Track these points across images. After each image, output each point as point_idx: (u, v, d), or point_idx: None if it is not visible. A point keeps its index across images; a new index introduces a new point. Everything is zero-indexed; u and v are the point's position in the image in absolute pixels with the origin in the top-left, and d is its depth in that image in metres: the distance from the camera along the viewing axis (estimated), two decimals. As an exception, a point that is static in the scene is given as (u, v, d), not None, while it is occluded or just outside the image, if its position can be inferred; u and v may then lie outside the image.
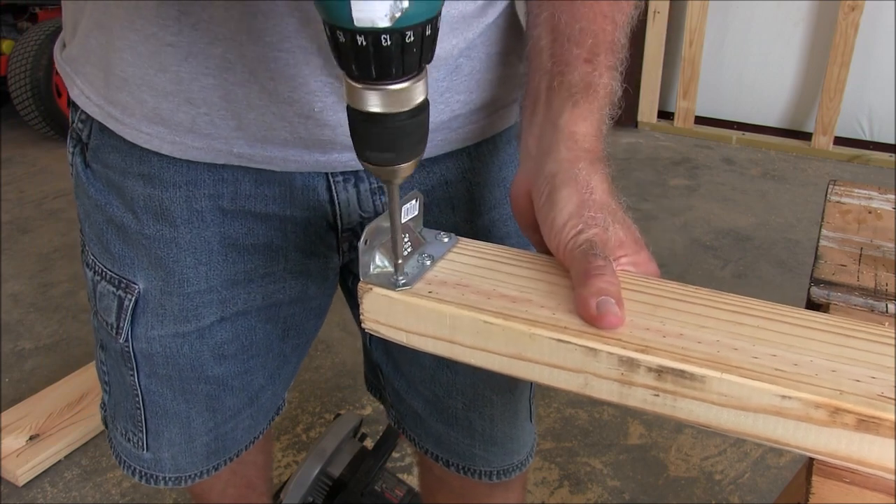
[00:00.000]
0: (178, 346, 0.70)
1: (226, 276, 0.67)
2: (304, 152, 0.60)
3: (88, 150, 0.66)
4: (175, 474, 0.79)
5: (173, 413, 0.75)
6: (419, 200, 0.51)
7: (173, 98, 0.57)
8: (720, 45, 3.59)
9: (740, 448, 1.70)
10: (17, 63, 3.22)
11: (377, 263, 0.48)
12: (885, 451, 0.39)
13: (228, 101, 0.57)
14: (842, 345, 0.43)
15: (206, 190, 0.63)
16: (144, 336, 0.69)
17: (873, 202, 0.84)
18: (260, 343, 0.75)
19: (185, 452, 0.78)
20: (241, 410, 0.79)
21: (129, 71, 0.57)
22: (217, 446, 0.80)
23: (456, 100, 0.62)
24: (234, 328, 0.71)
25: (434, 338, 0.46)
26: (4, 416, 1.68)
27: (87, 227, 0.70)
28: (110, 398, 0.79)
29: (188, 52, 0.55)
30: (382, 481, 1.30)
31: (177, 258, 0.65)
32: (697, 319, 0.45)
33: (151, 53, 0.55)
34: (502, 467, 0.85)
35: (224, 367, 0.74)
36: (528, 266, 0.50)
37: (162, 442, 0.77)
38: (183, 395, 0.74)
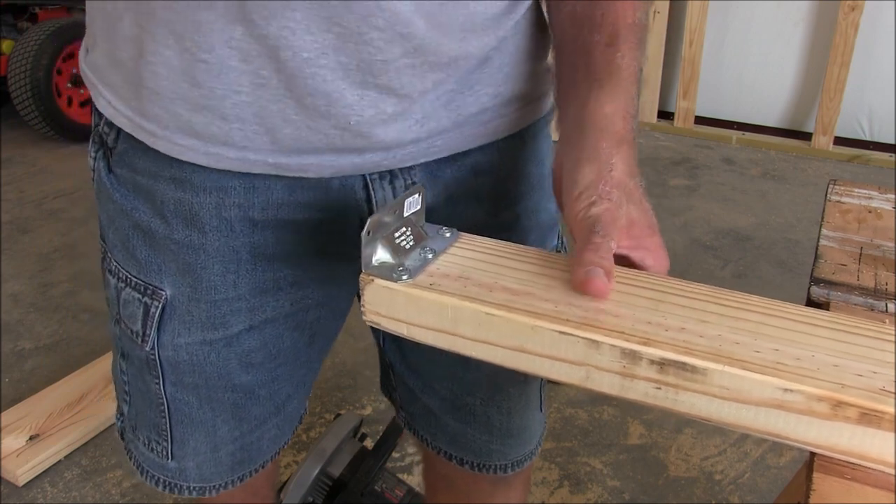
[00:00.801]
0: (205, 354, 0.69)
1: (254, 285, 0.67)
2: (341, 157, 0.60)
3: (114, 154, 0.65)
4: (199, 484, 0.78)
5: (199, 422, 0.73)
6: (421, 195, 0.51)
7: (207, 113, 0.57)
8: (720, 45, 3.59)
9: (740, 448, 1.70)
10: (17, 63, 3.22)
11: (379, 256, 0.48)
12: (886, 445, 0.39)
13: (262, 118, 0.57)
14: (843, 341, 0.43)
15: (235, 199, 0.62)
16: (171, 343, 0.68)
17: (873, 202, 0.85)
18: (287, 351, 0.74)
19: (210, 462, 0.77)
20: (268, 420, 0.78)
21: (163, 84, 0.57)
22: (243, 456, 0.79)
23: (485, 93, 0.63)
24: (262, 336, 0.70)
25: (435, 330, 0.46)
26: (4, 416, 1.68)
27: (111, 234, 0.68)
28: (130, 408, 0.77)
29: (221, 68, 0.55)
30: (382, 481, 1.30)
31: (205, 265, 0.65)
32: (699, 314, 0.45)
33: (185, 69, 0.55)
34: (517, 458, 0.86)
35: (251, 375, 0.73)
36: (529, 261, 0.50)
37: (187, 451, 0.75)
38: (209, 404, 0.73)
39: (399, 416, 0.91)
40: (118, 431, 0.83)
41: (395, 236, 0.49)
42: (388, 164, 0.62)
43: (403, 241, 0.49)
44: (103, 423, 1.70)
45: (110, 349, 2.08)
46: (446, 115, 0.61)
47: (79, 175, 3.15)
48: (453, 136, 0.63)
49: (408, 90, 0.57)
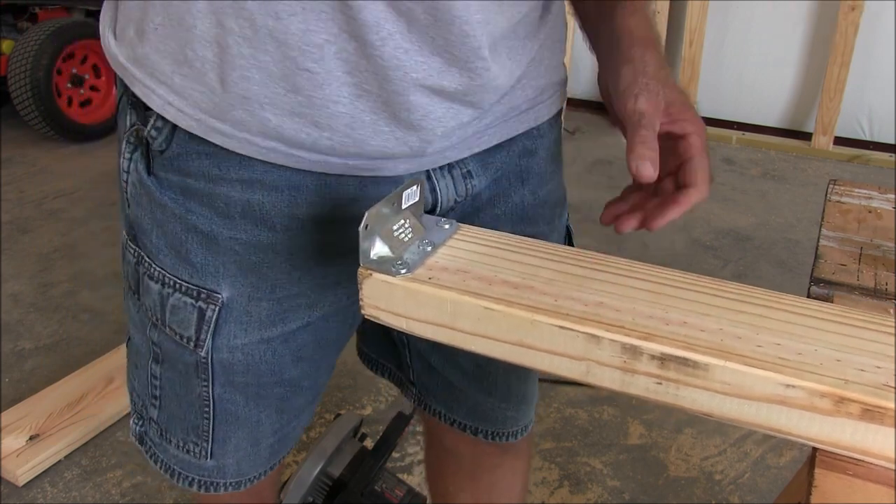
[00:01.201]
0: (261, 353, 0.69)
1: (317, 281, 0.67)
2: (415, 158, 0.64)
3: (161, 157, 0.63)
4: (236, 479, 0.78)
5: (244, 419, 0.73)
6: (420, 187, 0.50)
7: (299, 119, 0.57)
8: (720, 45, 3.59)
9: (740, 448, 1.69)
10: (17, 63, 3.22)
11: (377, 249, 0.48)
12: (888, 440, 0.39)
13: (353, 128, 0.58)
14: (846, 334, 0.43)
15: (308, 196, 0.62)
16: (226, 346, 0.68)
17: (873, 202, 0.84)
18: (333, 342, 0.75)
19: (249, 456, 0.77)
20: (306, 408, 0.79)
21: (254, 90, 0.56)
22: (279, 446, 0.79)
23: (530, 86, 0.69)
24: (316, 330, 0.71)
25: (434, 324, 0.46)
26: (4, 416, 1.67)
27: (156, 238, 0.66)
28: (161, 412, 0.76)
29: (325, 79, 0.55)
30: (382, 481, 1.29)
31: (272, 264, 0.65)
32: (700, 308, 0.44)
33: (285, 75, 0.55)
34: (525, 423, 0.90)
35: (299, 368, 0.73)
36: (529, 254, 0.49)
37: (228, 448, 0.75)
38: (255, 400, 0.73)
39: (409, 393, 0.92)
40: (135, 437, 0.81)
41: (394, 229, 0.49)
42: (449, 157, 0.66)
43: (402, 233, 0.49)
44: (103, 423, 1.70)
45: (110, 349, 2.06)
46: (500, 110, 0.67)
47: (79, 175, 3.15)
48: (503, 126, 0.69)
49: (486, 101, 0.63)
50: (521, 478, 1.01)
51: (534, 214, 0.75)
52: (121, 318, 2.09)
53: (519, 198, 0.73)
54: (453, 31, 0.54)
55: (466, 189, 0.69)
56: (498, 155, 0.70)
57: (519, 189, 0.73)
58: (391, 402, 1.80)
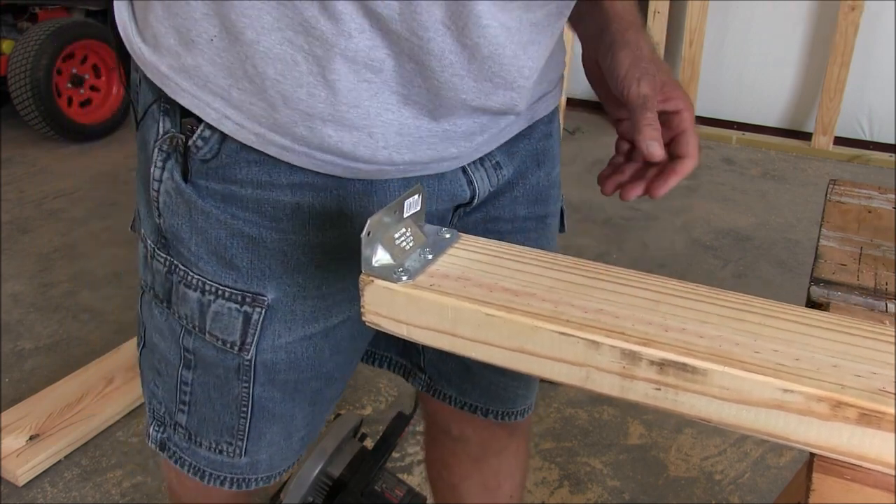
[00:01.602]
0: (303, 350, 0.70)
1: (346, 281, 0.68)
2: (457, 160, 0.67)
3: (206, 166, 0.62)
4: (267, 473, 0.79)
5: (279, 415, 0.74)
6: (421, 195, 0.51)
7: (357, 133, 0.58)
8: (720, 45, 3.59)
9: (740, 448, 1.70)
10: (17, 63, 3.22)
11: (379, 257, 0.48)
12: (885, 445, 0.39)
13: (402, 136, 0.60)
14: (843, 342, 0.43)
15: (356, 197, 0.64)
16: (271, 347, 0.68)
17: (873, 202, 0.85)
18: (365, 332, 0.76)
19: (282, 451, 0.78)
20: (335, 399, 0.81)
21: (319, 108, 0.57)
22: (308, 437, 0.81)
23: (547, 79, 0.73)
24: (353, 324, 0.72)
25: (435, 331, 0.46)
26: (4, 416, 1.68)
27: (196, 245, 0.65)
28: (190, 417, 0.75)
29: (379, 89, 0.57)
30: (382, 481, 1.30)
31: (321, 262, 0.65)
32: (699, 315, 0.45)
33: (349, 90, 0.56)
34: (532, 401, 0.93)
35: (336, 360, 0.75)
36: (530, 262, 0.50)
37: (262, 445, 0.76)
38: (292, 395, 0.73)
39: (418, 380, 0.94)
40: (155, 444, 0.80)
41: (395, 237, 0.49)
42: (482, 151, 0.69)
43: (403, 241, 0.50)
44: (103, 423, 1.70)
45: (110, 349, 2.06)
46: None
47: (79, 175, 3.15)
48: (524, 116, 0.73)
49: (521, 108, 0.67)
50: (523, 460, 1.04)
51: (547, 195, 0.80)
52: (121, 318, 2.10)
53: (536, 179, 0.78)
54: (504, 62, 0.58)
55: (498, 179, 0.73)
56: (521, 143, 0.75)
57: (536, 171, 0.78)
58: (391, 402, 1.81)
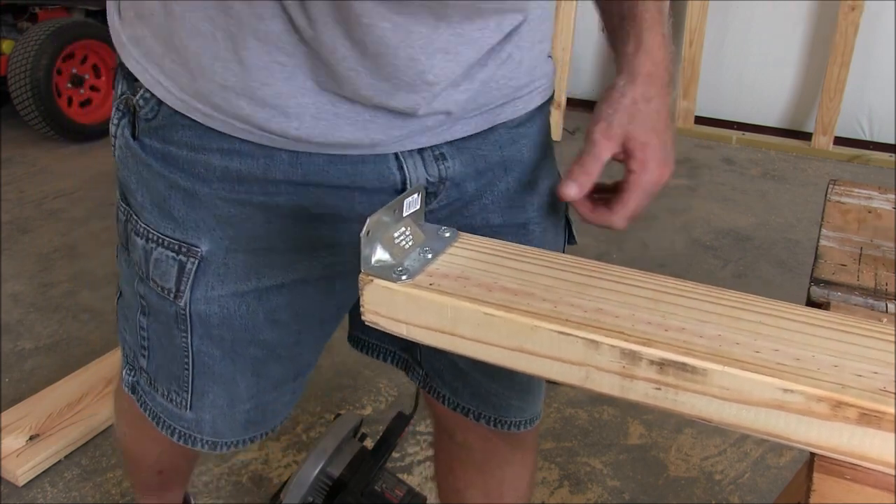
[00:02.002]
0: (235, 306, 0.72)
1: (292, 241, 0.71)
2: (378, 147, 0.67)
3: (147, 125, 0.68)
4: (212, 438, 0.81)
5: (220, 375, 0.76)
6: (420, 195, 0.51)
7: (270, 110, 0.62)
8: (720, 45, 3.59)
9: (740, 448, 1.69)
10: (17, 63, 3.22)
11: (378, 256, 0.48)
12: (886, 445, 0.39)
13: (318, 118, 0.62)
14: (843, 341, 0.43)
15: (282, 166, 0.66)
16: (203, 297, 0.71)
17: (873, 202, 0.84)
18: (314, 316, 0.78)
19: (225, 417, 0.79)
20: (285, 383, 0.81)
21: (232, 80, 0.61)
22: (256, 417, 0.81)
23: (508, 85, 0.70)
24: (292, 295, 0.74)
25: (435, 330, 0.46)
26: (4, 416, 1.67)
27: (141, 196, 0.71)
28: (150, 362, 0.80)
29: (293, 72, 0.60)
30: (382, 481, 1.30)
31: (250, 215, 0.68)
32: (699, 314, 0.45)
33: (260, 69, 0.60)
34: (530, 416, 0.90)
35: (276, 333, 0.76)
36: (529, 261, 0.50)
37: (205, 403, 0.78)
38: (232, 357, 0.75)
39: (415, 374, 0.94)
40: (127, 386, 0.85)
41: (395, 236, 0.49)
42: (417, 143, 0.68)
43: (403, 241, 0.50)
44: (103, 423, 1.70)
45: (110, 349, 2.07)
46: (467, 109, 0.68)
47: (79, 175, 3.15)
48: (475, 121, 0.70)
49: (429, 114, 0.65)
50: (529, 474, 1.02)
51: (522, 202, 0.78)
52: (121, 318, 2.09)
53: (505, 186, 0.76)
54: (398, 63, 0.58)
55: (440, 170, 0.71)
56: (474, 142, 0.72)
57: (504, 178, 0.76)
58: (391, 402, 1.80)
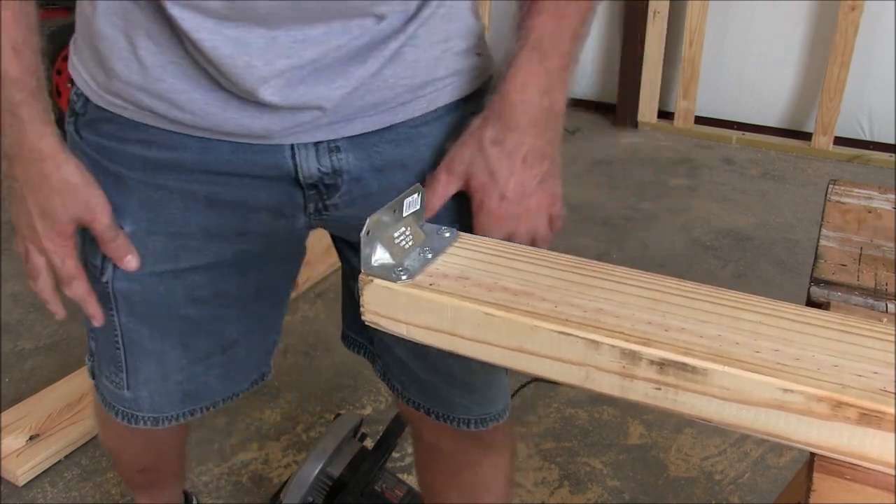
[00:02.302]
0: (154, 285, 0.78)
1: (205, 227, 0.76)
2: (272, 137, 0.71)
3: (83, 120, 0.76)
4: (153, 414, 0.85)
5: (150, 351, 0.80)
6: (420, 195, 0.51)
7: (166, 103, 0.69)
8: (720, 45, 3.59)
9: (740, 448, 1.69)
10: (17, 63, 3.22)
11: (378, 256, 0.48)
12: (886, 445, 0.39)
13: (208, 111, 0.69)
14: (843, 341, 0.43)
15: (192, 154, 0.72)
16: (124, 276, 0.77)
17: (873, 202, 0.84)
18: (232, 294, 0.82)
19: (160, 392, 0.83)
20: (213, 355, 0.84)
21: (133, 78, 0.69)
22: (190, 389, 0.85)
23: (400, 84, 0.71)
24: (209, 275, 0.79)
25: (435, 330, 0.46)
26: (4, 416, 1.68)
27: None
28: (97, 345, 0.85)
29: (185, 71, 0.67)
30: (382, 481, 1.30)
31: (168, 201, 0.74)
32: (699, 314, 0.45)
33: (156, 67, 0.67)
34: (480, 416, 0.88)
35: (196, 310, 0.81)
36: (529, 261, 0.50)
37: (140, 380, 0.82)
38: (159, 332, 0.80)
39: (376, 367, 0.96)
40: (89, 371, 0.90)
41: (395, 236, 0.49)
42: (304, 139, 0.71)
43: (403, 241, 0.50)
44: (103, 423, 1.70)
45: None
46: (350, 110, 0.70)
47: (79, 175, 3.15)
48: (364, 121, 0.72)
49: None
50: (503, 475, 1.02)
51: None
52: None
53: (405, 183, 0.76)
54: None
55: (332, 162, 0.73)
56: (371, 139, 0.74)
57: (402, 174, 0.77)
58: (391, 402, 1.80)
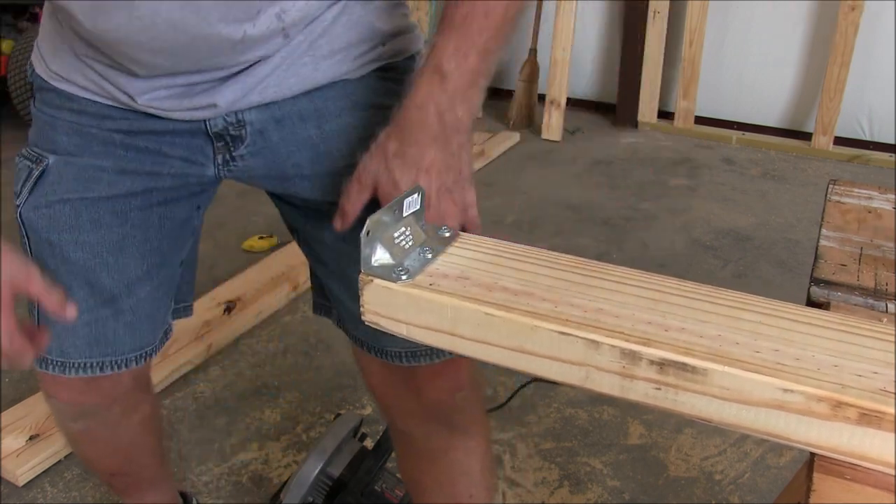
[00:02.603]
0: (60, 208, 0.84)
1: (120, 165, 0.84)
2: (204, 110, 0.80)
3: (35, 93, 0.88)
4: (60, 358, 0.88)
5: (56, 284, 0.82)
6: (420, 195, 0.51)
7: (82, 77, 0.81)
8: (720, 45, 3.59)
9: (740, 448, 1.69)
10: (17, 63, 3.21)
11: (378, 256, 0.48)
12: (886, 445, 0.39)
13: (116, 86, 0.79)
14: (843, 341, 0.43)
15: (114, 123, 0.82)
16: (41, 203, 0.84)
17: (873, 202, 0.84)
18: (136, 224, 0.87)
19: (67, 332, 0.87)
20: (119, 298, 0.88)
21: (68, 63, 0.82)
22: (97, 334, 0.88)
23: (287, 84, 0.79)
24: (114, 205, 0.85)
25: (435, 330, 0.46)
26: (4, 416, 1.67)
27: (33, 133, 0.89)
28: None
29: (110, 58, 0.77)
30: (382, 481, 1.30)
31: (89, 141, 0.83)
32: (699, 314, 0.45)
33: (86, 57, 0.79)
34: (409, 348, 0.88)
35: (98, 235, 0.85)
36: (529, 261, 0.50)
37: (49, 317, 0.84)
38: (64, 264, 0.85)
39: (332, 316, 0.98)
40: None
41: (395, 236, 0.49)
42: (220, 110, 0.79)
43: (403, 241, 0.50)
44: (103, 423, 1.70)
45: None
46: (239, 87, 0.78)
47: (79, 175, 3.14)
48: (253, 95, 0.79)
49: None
50: (477, 459, 1.04)
51: (328, 147, 0.83)
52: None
53: (304, 134, 0.83)
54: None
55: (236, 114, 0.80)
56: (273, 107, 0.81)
57: (301, 126, 0.82)
58: (391, 402, 1.80)
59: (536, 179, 3.14)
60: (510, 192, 2.97)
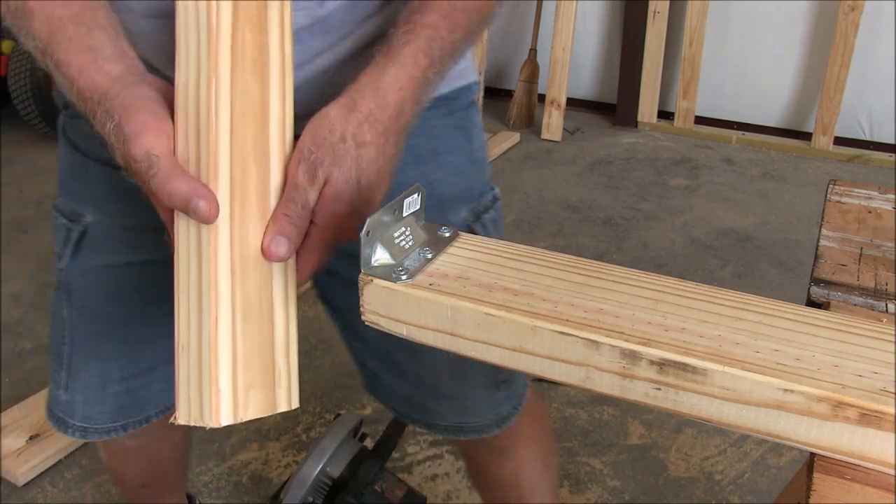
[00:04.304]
0: (107, 275, 0.79)
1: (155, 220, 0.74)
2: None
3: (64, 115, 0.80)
4: (83, 423, 0.84)
5: (94, 352, 0.80)
6: (420, 194, 0.51)
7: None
8: (720, 45, 3.59)
9: (740, 448, 1.69)
10: (17, 63, 3.21)
11: (378, 256, 0.48)
12: (886, 445, 0.39)
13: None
14: (844, 341, 0.43)
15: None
16: (83, 267, 0.78)
17: (873, 202, 0.84)
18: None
19: (97, 399, 0.82)
20: (158, 366, 0.83)
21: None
22: (129, 401, 0.84)
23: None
24: (161, 271, 0.75)
25: (435, 330, 0.46)
26: (4, 416, 1.68)
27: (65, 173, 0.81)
28: (50, 340, 0.85)
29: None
30: (382, 481, 1.30)
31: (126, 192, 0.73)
32: (699, 314, 0.45)
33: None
34: (456, 423, 0.87)
35: (146, 307, 0.81)
36: (530, 261, 0.50)
37: (78, 384, 0.81)
38: (106, 333, 0.81)
39: (364, 383, 0.96)
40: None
41: (395, 236, 0.49)
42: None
43: (402, 240, 0.49)
44: (103, 423, 1.70)
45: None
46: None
47: (79, 175, 3.14)
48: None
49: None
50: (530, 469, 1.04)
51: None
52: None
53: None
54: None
55: None
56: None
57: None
58: (391, 402, 1.81)
59: (536, 179, 3.14)
60: (510, 192, 2.97)
